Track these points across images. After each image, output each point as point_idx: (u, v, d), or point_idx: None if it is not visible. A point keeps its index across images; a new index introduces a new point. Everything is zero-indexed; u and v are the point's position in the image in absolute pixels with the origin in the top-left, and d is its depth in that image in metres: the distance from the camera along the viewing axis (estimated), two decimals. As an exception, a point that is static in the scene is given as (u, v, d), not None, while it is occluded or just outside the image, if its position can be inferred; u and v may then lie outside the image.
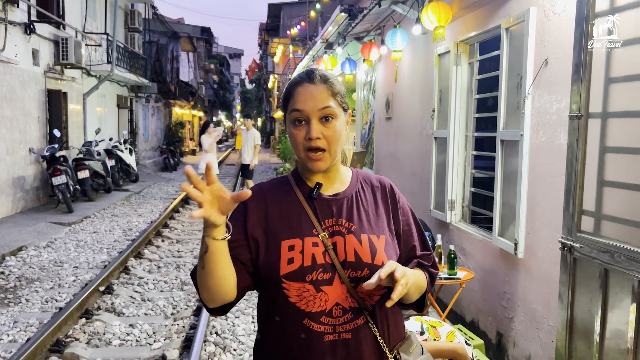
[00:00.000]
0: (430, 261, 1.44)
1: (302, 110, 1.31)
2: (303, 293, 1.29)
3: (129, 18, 17.07)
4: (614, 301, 2.40)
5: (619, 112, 2.45)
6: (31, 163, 10.08)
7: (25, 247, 7.14)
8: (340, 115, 1.34)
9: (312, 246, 1.31)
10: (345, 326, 1.29)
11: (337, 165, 1.40)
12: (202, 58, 37.19)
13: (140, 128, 19.55)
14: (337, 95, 1.34)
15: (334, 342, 1.29)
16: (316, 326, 1.28)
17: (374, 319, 1.33)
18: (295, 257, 1.29)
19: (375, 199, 1.42)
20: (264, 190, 1.41)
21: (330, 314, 1.29)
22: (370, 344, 1.32)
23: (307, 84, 1.33)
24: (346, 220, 1.36)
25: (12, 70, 9.21)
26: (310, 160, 1.32)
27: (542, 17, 3.16)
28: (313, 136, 1.29)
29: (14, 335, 4.33)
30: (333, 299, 1.29)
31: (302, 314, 1.29)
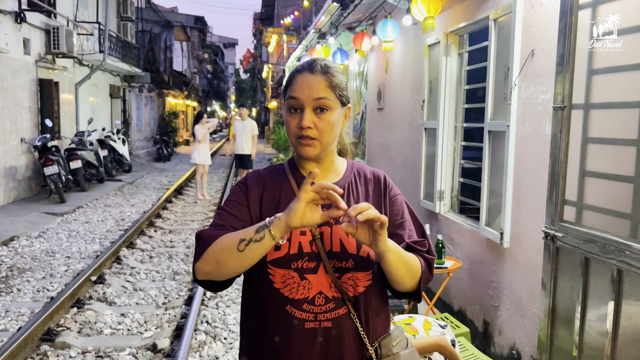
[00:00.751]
0: (425, 247, 1.41)
1: (297, 98, 1.33)
2: (287, 280, 1.32)
3: (122, 7, 16.95)
4: (594, 289, 2.45)
5: (600, 103, 2.48)
6: (23, 153, 10.04)
7: (17, 237, 7.14)
8: (336, 108, 1.35)
9: (300, 234, 1.33)
10: (327, 315, 1.32)
11: (331, 156, 1.43)
12: (195, 47, 36.98)
13: (133, 118, 19.48)
14: (336, 88, 1.35)
15: (315, 329, 1.32)
16: (298, 313, 1.31)
17: (356, 310, 1.34)
18: (282, 245, 1.31)
19: (367, 191, 1.44)
20: (262, 176, 1.44)
21: (312, 301, 1.32)
22: (351, 335, 1.34)
23: (307, 73, 1.35)
24: None
25: (3, 59, 9.15)
26: (300, 145, 1.34)
27: (529, 8, 3.18)
28: (304, 125, 1.31)
29: (5, 324, 4.35)
30: (316, 287, 1.32)
31: (285, 300, 1.32)
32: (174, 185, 12.11)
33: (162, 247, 7.07)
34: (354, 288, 1.34)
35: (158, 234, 7.85)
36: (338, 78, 1.37)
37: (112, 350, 3.94)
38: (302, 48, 10.21)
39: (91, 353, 3.89)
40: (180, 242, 7.29)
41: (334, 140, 1.39)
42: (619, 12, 2.32)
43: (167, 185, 12.79)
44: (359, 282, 1.34)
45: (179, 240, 7.40)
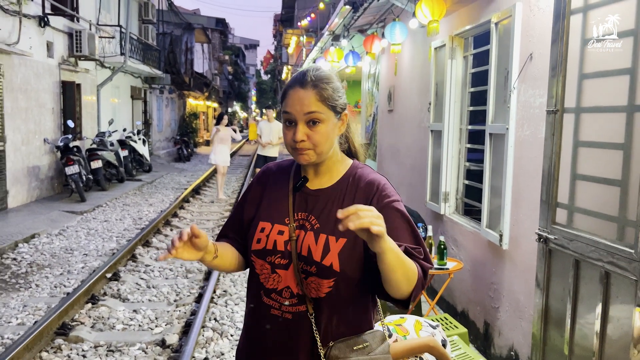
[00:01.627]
0: (421, 254, 1.39)
1: (290, 113, 1.41)
2: (263, 270, 1.47)
3: (143, 10, 17.27)
4: (584, 291, 2.48)
5: (590, 107, 2.51)
6: (46, 153, 10.34)
7: (38, 235, 7.37)
8: (328, 119, 1.41)
9: (277, 233, 1.45)
10: (290, 308, 1.43)
11: (329, 162, 1.48)
12: (216, 49, 37.38)
13: (154, 119, 19.82)
14: (327, 100, 1.40)
15: (277, 317, 1.45)
16: (266, 299, 1.46)
17: (317, 311, 1.42)
18: (262, 239, 1.46)
19: (353, 198, 1.44)
20: (269, 172, 1.58)
21: (280, 293, 1.44)
22: (307, 331, 1.42)
23: (298, 87, 1.41)
24: (315, 217, 1.45)
25: (27, 62, 9.44)
26: (296, 154, 1.44)
27: (528, 12, 3.21)
28: (297, 139, 1.39)
29: (23, 318, 4.53)
30: (285, 282, 1.43)
31: (260, 286, 1.47)
32: (192, 185, 12.31)
33: (176, 245, 7.22)
34: (316, 291, 1.41)
35: (174, 233, 8.01)
36: (329, 89, 1.42)
37: (123, 344, 4.08)
38: (317, 50, 10.30)
39: (103, 347, 4.03)
40: (195, 241, 7.43)
41: (329, 148, 1.45)
42: (608, 17, 2.35)
43: (186, 185, 13.01)
44: (321, 287, 1.40)
45: (194, 239, 7.54)
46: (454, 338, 3.06)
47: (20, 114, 9.27)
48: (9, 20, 8.68)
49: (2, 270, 5.86)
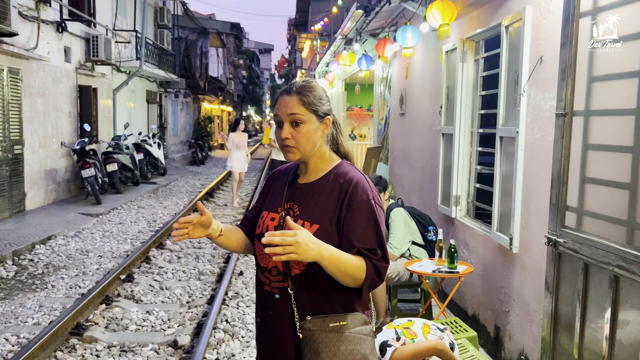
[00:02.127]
0: (377, 255, 1.55)
1: (277, 115, 1.67)
2: (259, 251, 1.71)
3: (159, 15, 17.48)
4: (594, 294, 2.47)
5: (599, 110, 2.50)
6: (62, 156, 10.51)
7: (55, 236, 7.49)
8: (310, 121, 1.64)
9: (270, 220, 1.72)
10: (277, 284, 1.66)
11: (315, 159, 1.71)
12: (231, 54, 37.64)
13: (169, 123, 20.01)
14: (309, 104, 1.64)
15: (269, 292, 1.69)
16: (261, 277, 1.72)
17: (296, 287, 1.62)
18: (260, 225, 1.74)
19: (330, 193, 1.65)
20: (278, 173, 1.86)
21: (270, 272, 1.68)
22: (289, 304, 1.63)
23: (285, 95, 1.67)
24: (297, 206, 1.68)
25: (45, 67, 9.62)
26: (284, 152, 1.68)
27: (538, 15, 3.21)
28: (283, 136, 1.65)
29: (39, 318, 4.61)
30: (273, 262, 1.65)
31: (258, 265, 1.74)
32: (206, 188, 12.41)
33: (190, 248, 7.30)
34: (293, 268, 1.63)
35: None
36: (310, 96, 1.65)
37: (136, 345, 4.13)
38: (330, 54, 10.34)
39: (116, 347, 4.09)
40: (208, 243, 7.50)
41: (312, 147, 1.67)
42: (617, 19, 2.35)
43: (200, 189, 13.12)
44: (294, 265, 1.62)
45: (207, 242, 7.61)
46: (461, 341, 3.06)
47: (38, 118, 9.44)
48: (27, 26, 8.86)
49: (20, 271, 5.97)
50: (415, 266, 3.96)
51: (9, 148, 8.39)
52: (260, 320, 1.74)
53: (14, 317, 4.65)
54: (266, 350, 1.73)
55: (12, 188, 8.50)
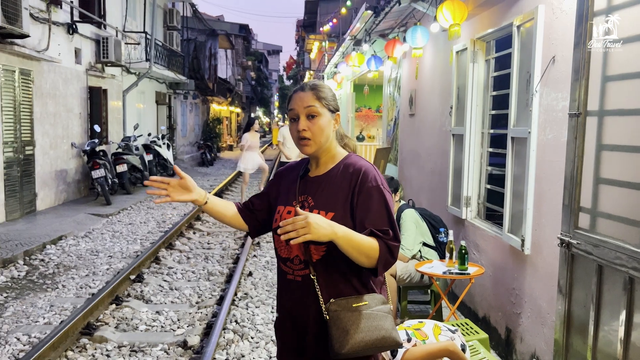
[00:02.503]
0: (388, 235, 1.68)
1: (293, 109, 1.77)
2: (279, 244, 1.82)
3: (168, 17, 17.56)
4: (608, 297, 2.44)
5: (614, 110, 2.47)
6: (73, 157, 10.58)
7: (65, 237, 7.54)
8: (324, 115, 1.77)
9: (287, 213, 1.82)
10: (299, 272, 1.77)
11: (327, 152, 1.83)
12: (240, 55, 37.74)
13: (178, 124, 20.09)
14: (322, 99, 1.77)
15: (291, 280, 1.80)
16: (283, 267, 1.83)
17: (317, 273, 1.74)
18: (277, 219, 1.83)
19: (342, 182, 1.77)
20: (288, 167, 1.97)
21: (292, 261, 1.79)
22: (313, 290, 1.74)
23: (299, 91, 1.79)
24: (311, 198, 1.80)
25: (56, 68, 9.69)
26: (300, 145, 1.78)
27: (550, 15, 3.18)
28: (300, 128, 1.75)
29: (50, 318, 4.64)
30: (294, 251, 1.78)
31: (279, 257, 1.84)
32: (215, 189, 12.44)
33: (199, 248, 7.31)
34: (315, 255, 1.74)
35: (196, 235, 8.11)
36: (324, 92, 1.79)
37: (146, 345, 4.14)
38: (339, 55, 10.33)
39: (126, 347, 4.10)
40: (217, 244, 7.52)
41: (326, 140, 1.78)
42: (632, 18, 2.32)
43: (209, 189, 13.14)
44: (315, 252, 1.73)
45: (216, 243, 7.63)
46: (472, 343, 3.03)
47: (49, 119, 9.51)
48: (38, 28, 8.93)
49: (31, 271, 6.01)
50: (425, 267, 3.94)
51: (20, 149, 8.46)
52: (286, 308, 1.83)
53: (25, 316, 4.68)
54: (291, 336, 1.82)
55: (23, 189, 8.56)
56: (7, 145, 8.07)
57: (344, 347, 1.64)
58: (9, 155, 8.12)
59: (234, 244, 7.58)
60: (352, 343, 1.64)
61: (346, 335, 1.65)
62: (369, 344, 1.65)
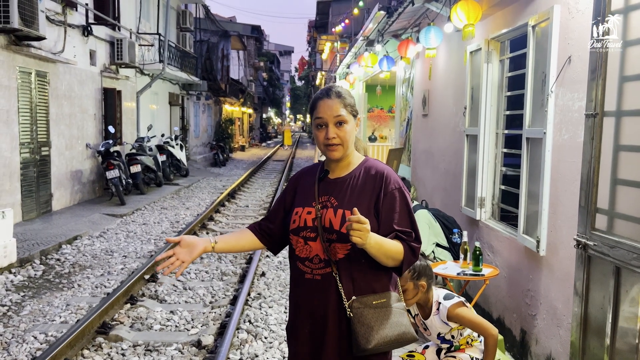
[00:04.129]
0: (411, 237, 1.79)
1: (322, 117, 1.85)
2: (298, 244, 1.88)
3: (181, 18, 17.68)
4: (625, 299, 2.41)
5: (632, 110, 2.45)
6: (88, 158, 10.69)
7: (80, 237, 7.62)
8: (350, 121, 1.87)
9: (307, 214, 1.88)
10: (319, 271, 1.83)
11: (348, 157, 1.91)
12: (252, 56, 37.87)
13: (191, 125, 20.21)
14: (348, 106, 1.86)
15: (310, 280, 1.85)
16: (301, 266, 1.87)
17: (339, 271, 1.80)
18: (296, 220, 1.90)
19: (364, 183, 1.87)
20: (302, 172, 2.04)
21: (311, 260, 1.85)
22: (334, 289, 1.81)
23: (326, 99, 1.85)
24: (334, 198, 1.87)
25: (71, 70, 9.80)
26: (328, 151, 1.86)
27: (566, 14, 3.16)
28: (329, 136, 1.83)
29: (66, 317, 4.69)
30: (315, 251, 1.84)
31: (297, 257, 1.89)
32: (228, 189, 12.49)
33: (212, 249, 7.34)
34: (337, 254, 1.81)
35: (210, 235, 8.14)
36: (348, 99, 1.87)
37: (161, 344, 4.17)
38: (351, 55, 10.32)
39: (141, 347, 4.14)
40: (230, 245, 7.54)
41: (352, 143, 1.88)
42: (650, 18, 2.30)
43: (222, 190, 13.21)
44: (339, 251, 1.81)
45: (229, 243, 7.65)
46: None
47: (64, 120, 9.62)
48: (54, 30, 9.03)
49: (47, 271, 6.09)
50: (439, 269, 3.93)
51: (36, 150, 8.57)
52: (304, 308, 1.87)
53: (42, 315, 4.74)
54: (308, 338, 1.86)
55: (39, 189, 8.67)
56: (23, 146, 8.18)
57: (370, 343, 1.73)
58: (25, 156, 8.23)
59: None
60: (378, 338, 1.73)
61: (371, 331, 1.74)
62: (392, 340, 1.76)
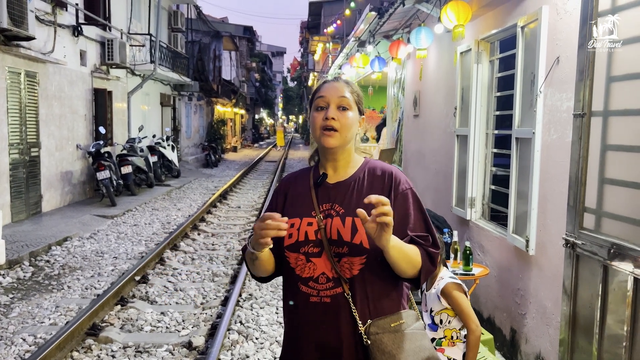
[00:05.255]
0: (429, 241, 1.55)
1: (324, 96, 1.59)
2: (298, 262, 1.57)
3: (172, 19, 17.62)
4: (613, 297, 2.43)
5: (619, 110, 2.47)
6: (78, 158, 10.62)
7: (70, 238, 7.57)
8: (354, 109, 1.61)
9: (307, 225, 1.57)
10: (327, 292, 1.54)
11: (347, 155, 1.64)
12: (244, 57, 37.81)
13: (182, 125, 20.14)
14: (354, 94, 1.62)
15: (317, 303, 1.55)
16: (304, 288, 1.57)
17: (352, 291, 1.54)
18: (293, 233, 1.57)
19: (371, 185, 1.61)
20: (291, 178, 1.73)
21: (316, 280, 1.56)
22: (347, 311, 1.53)
23: (333, 82, 1.63)
24: (339, 205, 1.59)
25: (61, 70, 9.74)
26: (323, 136, 1.57)
27: (555, 15, 3.18)
28: (329, 116, 1.56)
29: (55, 319, 4.65)
30: (320, 268, 1.55)
31: (297, 277, 1.58)
32: (220, 190, 12.46)
33: (204, 249, 7.33)
34: (349, 270, 1.54)
35: (201, 237, 8.12)
36: (356, 88, 1.65)
37: (151, 346, 4.15)
38: (343, 56, 10.34)
39: (131, 348, 4.11)
40: (222, 246, 7.53)
41: (352, 137, 1.62)
42: (636, 18, 2.32)
43: (213, 191, 13.17)
44: (353, 266, 1.53)
45: (221, 244, 7.64)
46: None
47: (54, 121, 9.56)
48: (44, 30, 8.97)
49: (36, 272, 6.04)
50: (430, 268, 3.93)
51: (26, 150, 8.50)
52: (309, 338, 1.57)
53: (31, 317, 4.70)
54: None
55: (29, 190, 8.60)
56: (12, 147, 8.11)
57: None
58: (14, 156, 8.16)
59: (239, 245, 7.59)
60: None
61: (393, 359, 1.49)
62: None
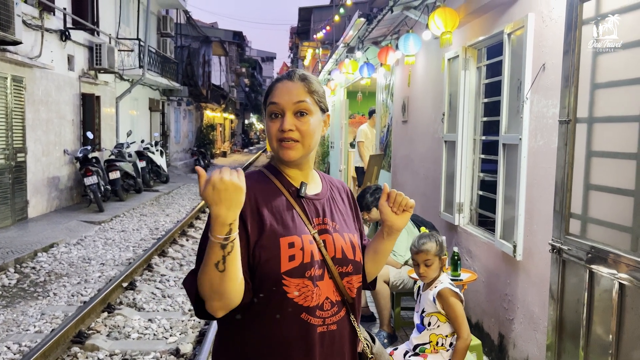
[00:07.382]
0: None
1: (277, 103, 1.37)
2: (302, 288, 1.32)
3: (161, 23, 17.58)
4: (599, 302, 2.45)
5: (603, 117, 2.50)
6: (65, 164, 10.53)
7: (57, 244, 7.49)
8: (315, 113, 1.40)
9: (309, 243, 1.35)
10: (332, 318, 1.39)
11: (310, 164, 1.46)
12: (234, 62, 37.79)
13: (171, 130, 20.07)
14: (314, 94, 1.40)
15: (323, 333, 1.37)
16: (312, 319, 1.34)
17: (353, 311, 1.44)
18: (296, 255, 1.32)
19: (342, 200, 1.53)
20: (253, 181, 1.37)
21: (322, 307, 1.37)
22: (348, 333, 1.43)
23: (286, 81, 1.39)
24: (330, 219, 1.44)
25: (48, 75, 9.66)
26: (282, 148, 1.37)
27: (540, 23, 3.21)
28: (285, 128, 1.35)
29: (40, 326, 4.60)
30: (325, 293, 1.37)
31: (301, 308, 1.32)
32: (208, 196, 12.39)
33: (192, 255, 7.28)
34: (351, 291, 1.43)
35: (189, 243, 8.08)
36: (315, 85, 1.42)
37: (138, 353, 4.11)
38: (332, 62, 10.36)
39: (118, 356, 4.07)
40: (210, 252, 7.48)
41: (315, 145, 1.41)
42: (620, 26, 2.35)
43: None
44: (354, 285, 1.43)
45: (209, 250, 7.59)
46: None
47: (41, 126, 9.47)
48: (31, 35, 8.90)
49: (22, 279, 5.96)
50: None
51: (12, 156, 8.41)
52: None
53: (15, 325, 4.64)
54: None
55: (14, 196, 8.51)
56: (-2, 152, 8.03)
57: None
58: (0, 162, 8.07)
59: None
60: None
61: None
62: None
